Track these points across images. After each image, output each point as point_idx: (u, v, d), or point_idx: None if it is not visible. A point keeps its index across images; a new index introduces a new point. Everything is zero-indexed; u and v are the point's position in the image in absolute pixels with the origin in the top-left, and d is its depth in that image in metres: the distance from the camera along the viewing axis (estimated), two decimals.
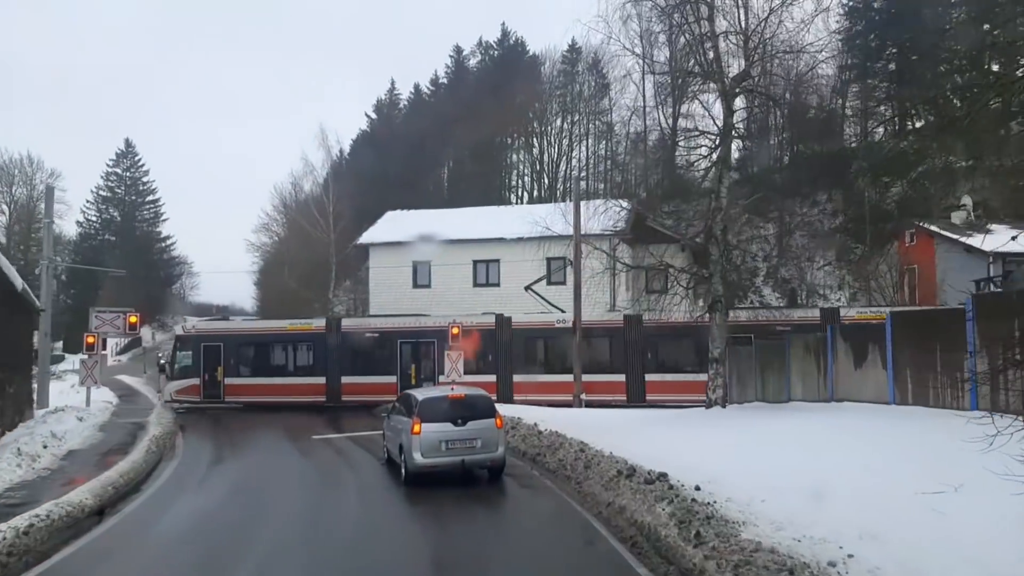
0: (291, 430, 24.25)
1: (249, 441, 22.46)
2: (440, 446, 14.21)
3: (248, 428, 25.45)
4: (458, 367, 26.04)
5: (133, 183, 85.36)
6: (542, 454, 16.09)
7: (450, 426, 14.29)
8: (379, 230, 41.92)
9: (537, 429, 18.29)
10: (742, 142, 21.34)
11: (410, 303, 39.18)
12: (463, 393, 15.13)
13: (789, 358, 19.44)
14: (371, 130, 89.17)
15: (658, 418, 20.27)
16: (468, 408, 14.69)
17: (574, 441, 16.01)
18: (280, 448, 20.71)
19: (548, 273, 37.60)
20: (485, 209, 47.08)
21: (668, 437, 16.15)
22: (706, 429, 16.82)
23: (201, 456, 19.50)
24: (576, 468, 14.06)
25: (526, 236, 36.98)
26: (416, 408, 14.59)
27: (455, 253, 38.32)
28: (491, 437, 14.46)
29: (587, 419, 20.63)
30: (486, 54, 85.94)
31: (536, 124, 76.38)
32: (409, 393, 15.69)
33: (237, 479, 15.88)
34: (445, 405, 14.68)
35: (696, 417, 19.41)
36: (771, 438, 14.68)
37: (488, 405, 14.90)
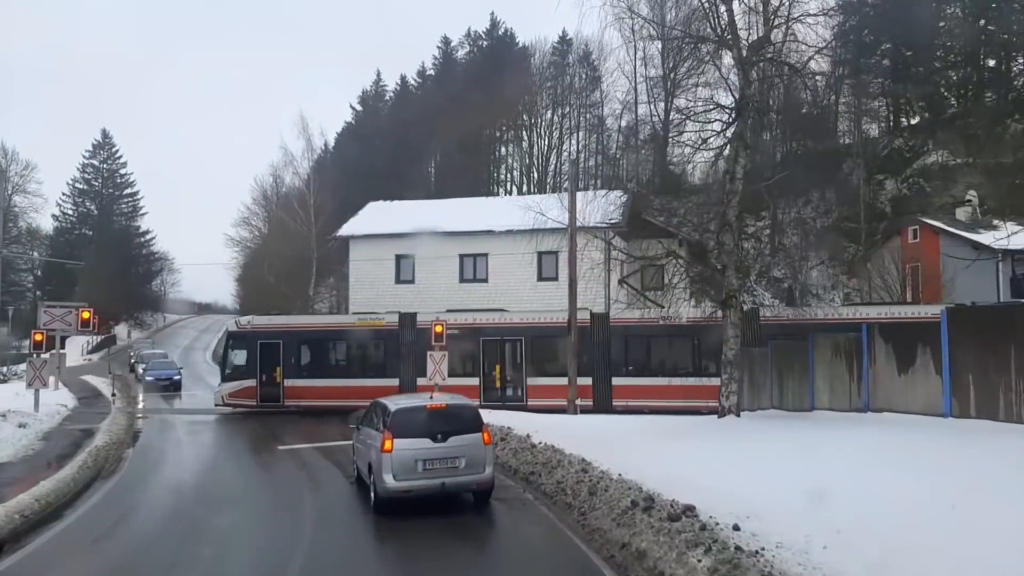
0: (259, 440, 21.84)
1: (207, 453, 19.94)
2: (416, 466, 11.79)
3: (213, 436, 22.95)
4: (441, 368, 23.60)
5: (110, 175, 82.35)
6: (537, 473, 13.69)
7: (428, 442, 11.87)
8: (360, 221, 39.36)
9: (530, 442, 15.90)
10: (760, 117, 18.91)
11: (392, 300, 36.61)
12: (444, 403, 12.70)
13: (813, 361, 17.13)
14: (356, 122, 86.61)
15: (664, 429, 17.91)
16: (450, 420, 12.28)
17: (574, 458, 13.62)
18: (240, 462, 18.21)
19: (539, 269, 35.23)
20: (473, 200, 44.64)
21: (682, 453, 13.78)
22: (725, 443, 14.47)
23: (145, 473, 16.96)
24: (579, 493, 11.65)
25: (516, 228, 34.73)
26: (387, 420, 12.16)
27: (440, 246, 35.83)
28: (477, 455, 12.06)
29: (583, 429, 18.26)
30: (475, 45, 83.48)
31: (526, 117, 74.04)
32: (380, 402, 13.22)
33: (177, 505, 13.39)
34: (422, 417, 12.25)
35: (709, 428, 17.06)
36: (806, 455, 12.33)
37: (473, 417, 12.49)
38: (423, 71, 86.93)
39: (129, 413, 27.48)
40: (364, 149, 77.26)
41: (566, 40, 78.78)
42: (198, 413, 29.07)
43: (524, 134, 74.57)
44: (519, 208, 37.65)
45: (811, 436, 13.93)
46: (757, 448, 13.40)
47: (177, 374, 38.59)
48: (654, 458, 13.19)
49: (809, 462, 11.61)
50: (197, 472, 16.84)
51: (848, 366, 15.77)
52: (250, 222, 65.89)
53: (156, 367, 38.86)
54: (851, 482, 10.29)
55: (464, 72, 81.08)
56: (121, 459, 18.51)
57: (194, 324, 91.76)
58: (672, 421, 18.92)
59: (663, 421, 19.12)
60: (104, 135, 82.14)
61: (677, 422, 18.60)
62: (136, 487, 15.11)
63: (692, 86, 18.03)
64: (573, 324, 23.66)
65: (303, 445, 20.25)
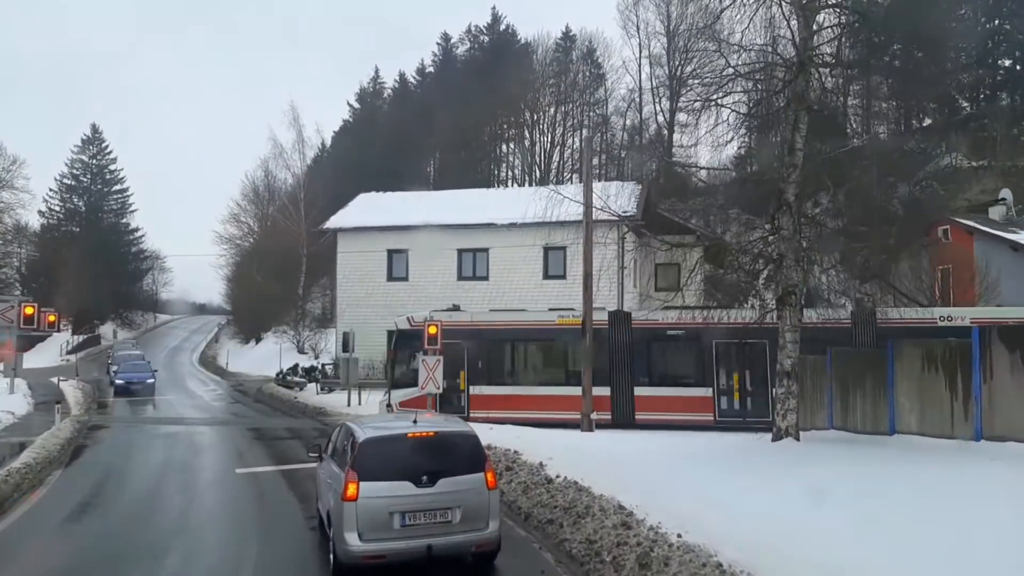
0: (220, 457, 18.22)
1: (149, 478, 16.20)
2: (391, 521, 8.20)
3: (167, 453, 19.28)
4: (435, 376, 20.01)
5: (99, 171, 78.67)
6: (557, 522, 10.06)
7: (409, 486, 8.28)
8: (349, 213, 35.79)
9: (544, 474, 12.27)
10: (827, 72, 15.37)
11: (383, 298, 33.10)
12: (432, 428, 9.04)
13: (893, 373, 13.58)
14: (354, 120, 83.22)
15: (709, 454, 14.33)
16: (440, 454, 8.67)
17: (607, 502, 10.01)
18: (184, 492, 14.51)
19: (545, 265, 31.69)
20: (472, 192, 41.10)
21: (751, 496, 10.18)
22: (801, 480, 10.86)
23: (63, 503, 13.32)
24: (622, 565, 8.01)
25: (521, 221, 31.09)
26: (352, 454, 8.56)
27: (437, 241, 32.29)
28: (478, 504, 8.47)
29: (608, 454, 14.67)
30: (475, 41, 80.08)
31: (528, 114, 70.67)
32: (348, 425, 9.56)
33: (70, 560, 9.79)
34: (401, 450, 8.64)
35: (766, 455, 13.47)
36: (940, 508, 8.74)
37: (473, 449, 8.86)
38: (422, 68, 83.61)
39: (81, 423, 23.82)
40: (362, 148, 73.98)
41: (569, 36, 75.56)
42: (165, 423, 25.40)
43: (526, 132, 71.26)
44: (523, 199, 34.15)
45: (921, 475, 10.32)
46: (851, 492, 9.80)
47: (151, 377, 34.88)
48: (717, 504, 9.60)
49: (951, 521, 8.01)
50: (123, 508, 13.16)
51: (948, 381, 12.24)
52: (240, 219, 62.28)
53: (128, 369, 35.13)
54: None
55: (465, 69, 77.75)
56: (41, 484, 14.91)
57: (186, 325, 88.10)
58: (714, 443, 15.30)
59: (703, 443, 15.51)
60: (94, 130, 78.59)
61: (720, 445, 14.99)
62: (27, 532, 11.46)
63: (736, 47, 14.33)
64: (588, 324, 20.04)
65: (267, 468, 16.62)
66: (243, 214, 62.07)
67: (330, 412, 25.45)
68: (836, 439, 14.83)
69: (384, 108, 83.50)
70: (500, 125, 72.19)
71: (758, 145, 17.02)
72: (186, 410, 28.90)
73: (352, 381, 27.19)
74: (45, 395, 32.81)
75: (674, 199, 40.42)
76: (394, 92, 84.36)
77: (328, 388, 31.39)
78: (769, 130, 16.04)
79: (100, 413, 28.46)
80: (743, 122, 15.78)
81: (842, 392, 15.69)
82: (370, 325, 32.74)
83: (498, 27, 78.40)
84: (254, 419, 26.09)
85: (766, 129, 16.13)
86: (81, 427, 23.21)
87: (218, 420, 25.53)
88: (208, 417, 26.26)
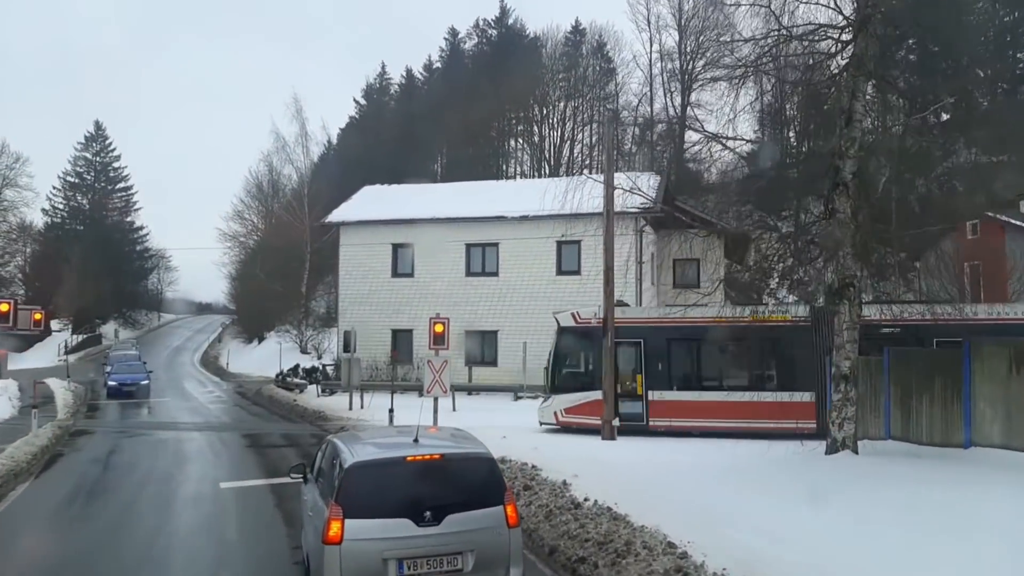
0: (206, 468, 16.42)
1: (124, 493, 14.40)
2: (385, 570, 6.37)
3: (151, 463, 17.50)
4: (442, 379, 18.16)
5: (103, 168, 77.03)
6: (590, 561, 8.15)
7: (408, 525, 6.44)
8: (353, 207, 33.92)
9: (570, 496, 10.39)
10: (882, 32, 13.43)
11: (388, 295, 31.30)
12: (437, 450, 7.14)
13: (970, 376, 11.69)
14: (360, 116, 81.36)
15: (755, 469, 12.43)
16: (447, 483, 6.83)
17: (651, 536, 8.13)
18: (157, 512, 12.69)
19: (559, 260, 29.79)
20: (481, 184, 39.35)
21: (816, 522, 8.33)
22: (876, 508, 9.00)
23: (16, 526, 11.55)
24: None
25: (533, 213, 29.28)
26: (337, 483, 6.70)
27: (444, 235, 30.45)
28: (495, 547, 6.63)
29: (639, 468, 12.81)
30: (483, 36, 78.16)
31: (537, 109, 68.78)
32: (335, 444, 7.68)
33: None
34: (399, 478, 6.79)
35: (825, 473, 11.55)
36: None
37: (488, 476, 6.95)
38: (429, 64, 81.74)
39: (63, 429, 22.06)
40: (368, 145, 72.13)
41: (579, 30, 73.71)
42: (154, 428, 23.60)
43: (535, 127, 69.40)
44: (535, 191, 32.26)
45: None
46: (949, 524, 7.93)
47: (145, 378, 33.04)
48: (787, 541, 7.73)
49: None
50: (86, 533, 11.35)
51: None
52: (243, 215, 60.53)
53: (121, 370, 33.28)
54: None
55: (473, 64, 75.89)
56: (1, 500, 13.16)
57: (190, 324, 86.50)
58: (754, 454, 13.37)
59: (742, 455, 13.59)
60: (97, 127, 76.89)
61: (762, 457, 13.05)
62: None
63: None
64: (610, 322, 18.12)
65: (255, 481, 14.83)
66: (247, 211, 60.37)
67: (330, 417, 23.62)
68: (898, 452, 12.90)
69: (391, 104, 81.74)
70: (508, 120, 70.39)
71: (807, 119, 15.07)
72: (179, 414, 27.13)
73: (354, 383, 25.34)
74: (32, 398, 31.05)
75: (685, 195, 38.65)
76: (401, 88, 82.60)
77: (329, 390, 29.57)
78: (821, 102, 14.13)
79: (88, 417, 26.71)
80: (790, 91, 13.87)
81: (902, 397, 13.76)
82: (373, 324, 30.97)
83: (506, 20, 76.58)
84: (249, 424, 24.30)
85: (817, 100, 14.19)
86: (62, 433, 21.48)
87: (211, 425, 23.74)
88: (200, 422, 24.48)
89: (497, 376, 29.64)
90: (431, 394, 18.40)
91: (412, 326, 30.32)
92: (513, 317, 29.92)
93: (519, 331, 29.66)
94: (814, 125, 15.10)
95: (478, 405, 25.98)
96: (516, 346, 29.54)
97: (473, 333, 30.22)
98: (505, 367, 29.85)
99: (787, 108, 14.60)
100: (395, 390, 22.41)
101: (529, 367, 28.88)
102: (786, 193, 14.02)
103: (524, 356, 28.99)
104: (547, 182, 33.91)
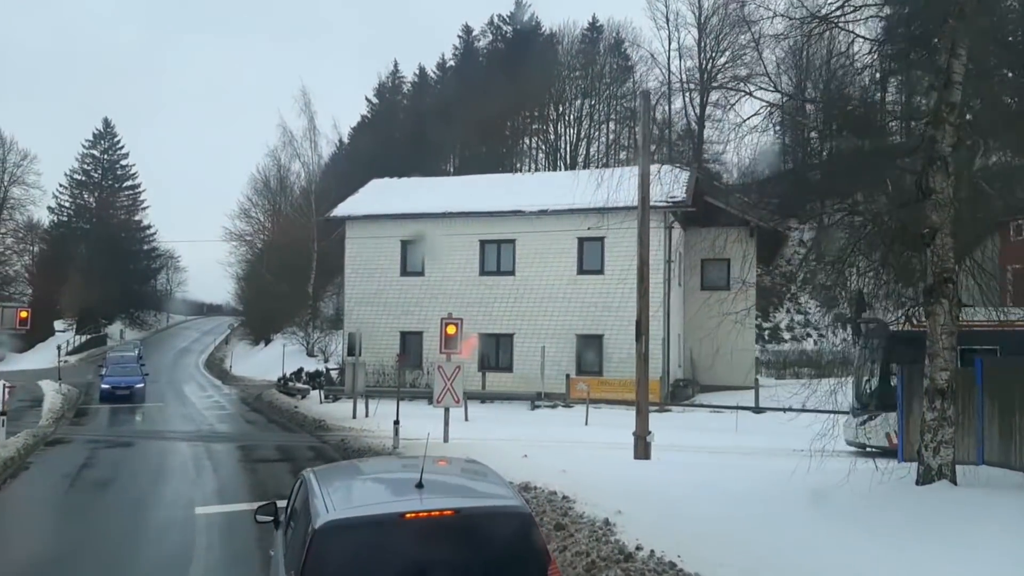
0: (183, 489, 14.31)
1: (81, 516, 12.34)
2: None
3: (126, 482, 15.43)
4: (454, 388, 16.01)
5: (111, 166, 75.37)
6: None
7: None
8: (360, 200, 31.85)
9: (617, 542, 8.15)
10: None
11: (396, 295, 29.20)
12: (450, 505, 4.81)
13: None
14: (372, 116, 79.42)
15: (833, 500, 10.14)
16: (464, 551, 4.60)
17: None
18: (115, 545, 10.58)
19: (580, 258, 27.58)
20: (496, 177, 37.20)
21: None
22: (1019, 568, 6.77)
23: None
24: None
25: (553, 208, 27.16)
26: (305, 551, 4.51)
27: (457, 231, 28.32)
28: None
29: (689, 495, 10.54)
30: (498, 33, 76.15)
31: (552, 107, 66.68)
32: (309, 484, 5.39)
33: None
34: (393, 544, 4.54)
35: (928, 508, 9.29)
36: None
37: (522, 540, 4.70)
38: (443, 63, 79.72)
39: (38, 438, 20.01)
40: (380, 144, 70.19)
41: (596, 26, 71.67)
42: (139, 438, 21.52)
43: (550, 126, 67.31)
44: (554, 185, 30.15)
45: None
46: None
47: (140, 381, 31.03)
48: None
49: None
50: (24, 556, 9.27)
51: None
52: (250, 213, 58.58)
53: (114, 373, 31.27)
54: None
55: (487, 61, 73.89)
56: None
57: (199, 325, 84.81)
58: (830, 481, 11.05)
59: (815, 482, 11.27)
60: (106, 124, 75.23)
61: (843, 484, 10.73)
62: None
63: None
64: (644, 324, 15.88)
65: (237, 506, 12.63)
66: (253, 208, 58.44)
67: (331, 426, 21.50)
68: (1003, 482, 10.61)
69: (403, 103, 79.86)
70: (523, 119, 68.35)
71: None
72: (171, 421, 25.08)
73: (358, 389, 23.23)
74: (21, 400, 29.08)
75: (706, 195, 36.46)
76: (413, 87, 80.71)
77: (333, 396, 27.45)
78: (910, 62, 11.89)
79: (73, 423, 24.70)
80: (873, 49, 11.63)
81: (1000, 416, 11.49)
82: (381, 325, 28.90)
83: (521, 16, 74.57)
84: (244, 433, 22.20)
85: (906, 60, 11.96)
86: (36, 442, 19.46)
87: (201, 434, 21.64)
88: (191, 431, 22.39)
89: (512, 383, 27.47)
90: (441, 404, 16.28)
91: (422, 328, 28.24)
92: (530, 319, 27.75)
93: (536, 334, 27.50)
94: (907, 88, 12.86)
95: (492, 415, 23.81)
96: (533, 351, 27.39)
97: (487, 336, 28.08)
98: (521, 373, 27.67)
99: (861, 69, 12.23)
100: (402, 397, 20.26)
101: (547, 373, 26.71)
102: (866, 170, 11.68)
103: (542, 361, 26.81)
104: (568, 175, 31.71)
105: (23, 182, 68.99)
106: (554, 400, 26.35)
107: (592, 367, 27.05)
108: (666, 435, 17.21)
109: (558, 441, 17.96)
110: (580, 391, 25.36)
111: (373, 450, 17.22)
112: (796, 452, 11.22)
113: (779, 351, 43.89)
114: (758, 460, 15.57)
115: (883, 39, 11.51)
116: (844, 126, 12.66)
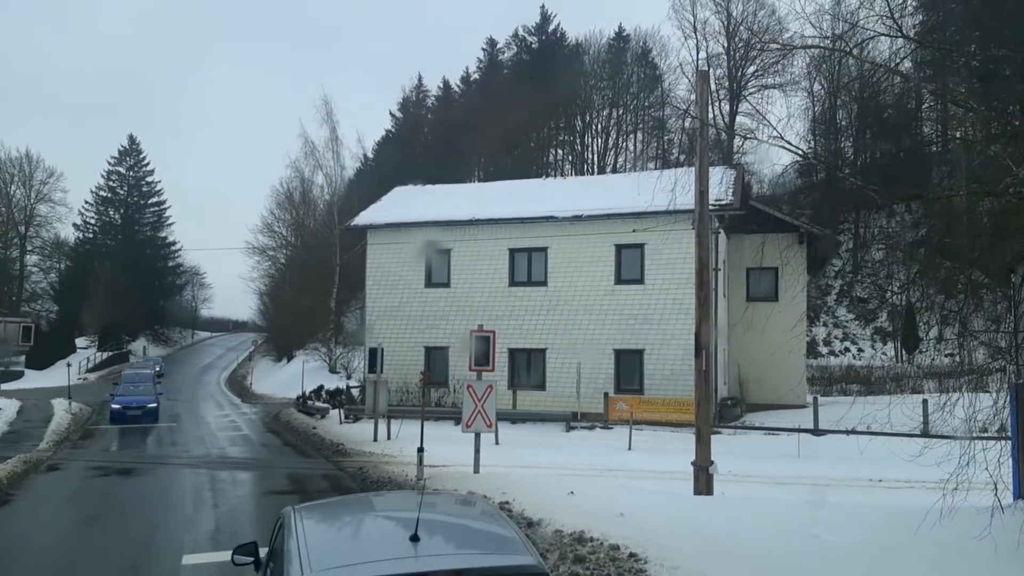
0: (176, 528, 12.26)
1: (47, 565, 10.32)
2: None
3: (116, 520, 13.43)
4: (486, 409, 13.84)
5: (136, 183, 74.52)
6: None
7: None
8: (382, 208, 29.94)
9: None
10: None
11: (420, 308, 27.15)
12: (451, 564, 3.38)
13: None
14: (396, 129, 78.04)
15: (936, 541, 7.84)
16: None
17: None
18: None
19: (617, 268, 25.36)
20: (525, 183, 35.23)
21: None
22: None
23: None
24: None
25: (588, 212, 25.05)
26: None
27: (485, 239, 26.25)
28: None
29: (765, 549, 8.24)
30: (523, 45, 74.52)
31: (579, 118, 64.75)
32: (289, 526, 4.09)
33: None
34: None
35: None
36: None
37: None
38: (467, 76, 78.28)
39: (28, 464, 18.10)
40: (405, 157, 68.81)
41: (623, 36, 69.72)
42: (139, 464, 19.50)
43: (577, 136, 65.37)
44: (587, 189, 28.04)
45: None
46: None
47: (153, 401, 29.13)
48: None
49: None
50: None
51: None
52: (273, 228, 57.05)
53: (125, 392, 29.40)
54: None
55: (512, 74, 72.25)
56: None
57: (224, 342, 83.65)
58: (960, 536, 8.71)
59: (943, 535, 8.92)
60: (131, 141, 74.50)
61: (987, 540, 8.42)
62: None
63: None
64: (704, 336, 13.61)
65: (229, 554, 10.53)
66: (276, 223, 56.94)
67: (349, 451, 19.39)
68: None
69: (427, 117, 78.42)
70: (549, 130, 66.51)
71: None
72: (181, 444, 23.12)
73: (380, 409, 21.14)
74: (25, 420, 27.42)
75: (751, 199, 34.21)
76: (438, 100, 79.27)
77: (353, 416, 25.36)
78: None
79: (76, 446, 22.78)
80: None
81: None
82: (404, 340, 26.85)
83: (547, 27, 72.90)
84: (255, 459, 20.14)
85: None
86: (28, 469, 17.58)
87: (210, 459, 19.63)
88: (199, 455, 20.40)
89: (546, 401, 25.24)
90: (471, 429, 14.09)
91: (448, 343, 26.16)
92: (564, 333, 25.54)
93: (571, 350, 25.27)
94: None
95: (524, 437, 21.60)
96: (567, 367, 25.16)
97: (518, 351, 25.93)
98: (554, 391, 25.44)
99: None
100: (427, 417, 18.14)
101: (583, 391, 24.44)
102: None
103: (577, 379, 24.55)
104: (602, 178, 29.66)
105: (49, 199, 68.42)
106: (591, 421, 24.09)
107: (632, 385, 24.77)
108: (721, 462, 14.87)
109: (602, 470, 15.76)
110: (620, 411, 23.10)
111: (394, 481, 15.10)
112: (874, 482, 8.67)
113: (822, 366, 41.25)
114: (840, 494, 13.18)
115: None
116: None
